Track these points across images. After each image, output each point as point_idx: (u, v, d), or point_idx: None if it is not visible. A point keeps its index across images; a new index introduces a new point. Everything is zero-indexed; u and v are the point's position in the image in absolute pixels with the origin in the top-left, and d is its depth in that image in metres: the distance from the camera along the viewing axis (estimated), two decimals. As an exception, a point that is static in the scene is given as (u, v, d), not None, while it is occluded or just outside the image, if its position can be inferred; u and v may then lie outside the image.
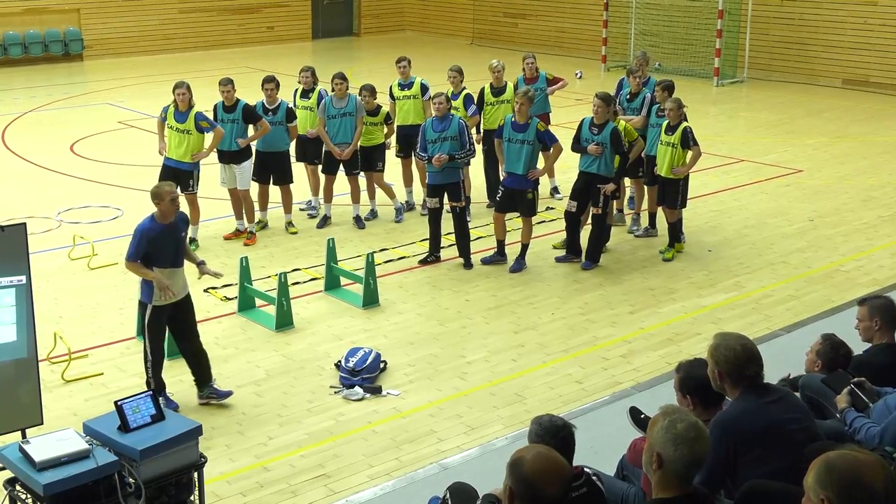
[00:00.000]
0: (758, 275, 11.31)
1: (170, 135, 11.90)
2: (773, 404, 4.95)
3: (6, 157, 16.71)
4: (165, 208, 8.08)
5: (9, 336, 6.58)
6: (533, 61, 13.67)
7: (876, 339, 6.37)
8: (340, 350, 9.17)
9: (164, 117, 12.00)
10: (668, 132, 11.46)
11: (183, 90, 11.73)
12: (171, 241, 8.14)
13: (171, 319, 8.23)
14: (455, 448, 7.67)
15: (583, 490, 4.66)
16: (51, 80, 24.22)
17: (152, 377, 8.20)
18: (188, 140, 11.74)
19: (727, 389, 5.04)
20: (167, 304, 8.12)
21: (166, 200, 8.06)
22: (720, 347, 5.01)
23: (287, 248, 12.18)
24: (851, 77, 22.70)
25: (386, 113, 12.91)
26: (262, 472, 7.39)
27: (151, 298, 8.08)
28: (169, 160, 11.85)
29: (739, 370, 4.94)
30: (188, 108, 11.75)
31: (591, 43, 26.77)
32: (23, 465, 5.69)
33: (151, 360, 8.19)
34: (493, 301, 10.57)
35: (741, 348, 4.96)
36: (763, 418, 4.87)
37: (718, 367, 4.99)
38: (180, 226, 8.28)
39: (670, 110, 11.42)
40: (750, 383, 4.96)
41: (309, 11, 30.85)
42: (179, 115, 11.76)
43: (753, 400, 4.93)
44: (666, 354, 9.25)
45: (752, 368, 4.96)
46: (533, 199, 11.29)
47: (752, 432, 4.84)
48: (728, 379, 4.98)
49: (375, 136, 12.89)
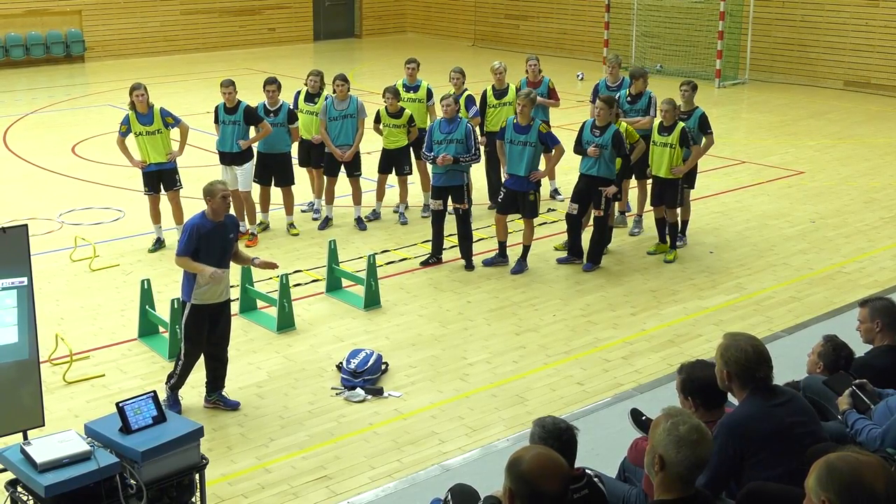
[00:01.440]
0: (759, 276, 11.30)
1: (140, 142, 11.84)
2: (780, 406, 4.91)
3: (8, 159, 16.73)
4: (217, 206, 7.94)
5: (10, 337, 6.58)
6: (536, 63, 13.64)
7: (877, 341, 6.36)
8: (342, 352, 9.17)
9: (124, 131, 11.85)
10: (664, 133, 11.47)
11: (141, 91, 11.71)
12: (219, 239, 8.02)
13: (209, 321, 8.11)
14: (456, 450, 7.67)
15: (584, 492, 4.66)
16: (52, 82, 24.24)
17: (178, 375, 8.15)
18: (161, 139, 11.77)
19: (735, 390, 5.01)
20: (207, 305, 8.01)
21: (217, 197, 7.93)
22: (730, 348, 4.96)
23: (288, 250, 12.18)
24: (853, 79, 22.70)
25: (410, 115, 12.81)
26: (263, 473, 7.39)
27: (192, 297, 8.00)
28: (152, 165, 11.84)
29: (749, 372, 4.91)
30: (149, 109, 11.74)
31: (592, 45, 26.79)
32: (24, 467, 5.70)
33: (183, 362, 8.13)
34: (495, 303, 10.58)
35: (752, 350, 4.92)
36: (770, 421, 4.83)
37: (728, 367, 4.94)
38: (230, 227, 8.15)
39: (666, 111, 11.44)
40: (758, 385, 4.92)
41: (310, 13, 30.87)
42: (144, 118, 11.72)
43: (761, 402, 4.89)
44: (667, 356, 9.25)
45: (762, 371, 4.92)
46: (535, 201, 11.29)
47: (758, 435, 4.81)
48: (737, 380, 4.95)
49: (399, 138, 12.83)
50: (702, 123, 11.82)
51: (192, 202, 12.53)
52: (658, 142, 11.54)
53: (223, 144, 12.22)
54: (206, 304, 8.03)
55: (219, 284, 8.01)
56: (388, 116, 12.72)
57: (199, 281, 7.93)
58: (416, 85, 13.35)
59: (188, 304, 8.03)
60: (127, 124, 11.85)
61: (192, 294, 7.99)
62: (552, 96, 13.62)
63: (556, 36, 28.22)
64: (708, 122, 11.89)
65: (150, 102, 11.85)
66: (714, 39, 23.50)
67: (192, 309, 8.03)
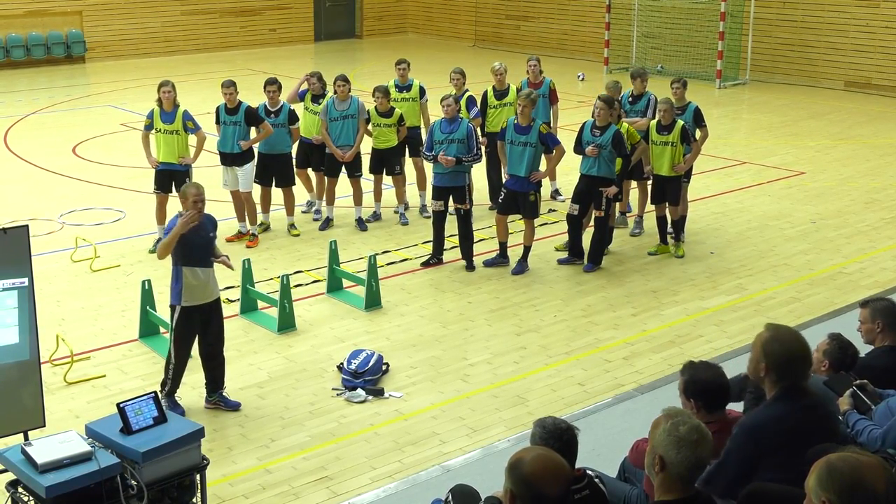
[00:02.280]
0: (760, 277, 11.30)
1: (158, 139, 11.84)
2: (803, 411, 4.79)
3: (8, 160, 16.73)
4: (188, 209, 7.98)
5: (11, 338, 6.58)
6: (536, 64, 13.64)
7: (878, 342, 6.35)
8: (343, 352, 9.17)
9: (149, 125, 11.93)
10: (663, 132, 11.51)
11: (168, 88, 11.72)
12: (200, 238, 8.05)
13: (201, 322, 8.14)
14: (457, 450, 7.66)
15: (585, 492, 4.66)
16: (53, 83, 24.26)
17: (171, 379, 8.17)
18: (177, 141, 11.75)
19: (767, 384, 4.84)
20: (196, 306, 8.04)
21: (189, 201, 7.99)
22: (771, 340, 4.79)
23: (289, 251, 12.18)
24: (854, 79, 22.70)
25: (400, 115, 12.83)
26: (264, 474, 7.39)
27: (180, 300, 8.02)
28: (162, 164, 11.84)
29: (788, 366, 4.75)
30: (174, 108, 11.75)
31: (593, 45, 26.79)
32: (25, 468, 5.70)
33: (175, 365, 8.13)
34: (496, 303, 10.58)
35: (794, 343, 4.77)
36: (790, 425, 4.73)
37: (766, 359, 4.78)
38: (208, 226, 8.18)
39: (664, 111, 11.48)
40: (792, 383, 4.78)
41: (311, 14, 30.88)
42: (167, 116, 11.74)
43: (787, 405, 4.77)
44: (668, 357, 9.25)
45: (800, 366, 4.77)
46: (535, 202, 11.30)
47: (777, 439, 4.72)
48: (772, 374, 4.78)
49: (389, 138, 12.84)
50: (696, 117, 12.05)
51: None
52: (658, 141, 11.57)
53: (224, 145, 12.23)
54: (196, 306, 8.05)
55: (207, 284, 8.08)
56: (379, 116, 12.72)
57: (183, 220, 7.88)
58: (408, 84, 13.38)
59: (177, 307, 8.05)
60: (151, 118, 11.88)
61: (181, 296, 8.02)
62: (553, 97, 13.62)
63: (557, 36, 28.23)
64: (702, 116, 12.14)
65: (177, 102, 11.85)
66: (715, 40, 23.51)
67: (181, 312, 8.05)
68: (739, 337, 9.61)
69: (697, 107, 12.16)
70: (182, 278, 7.99)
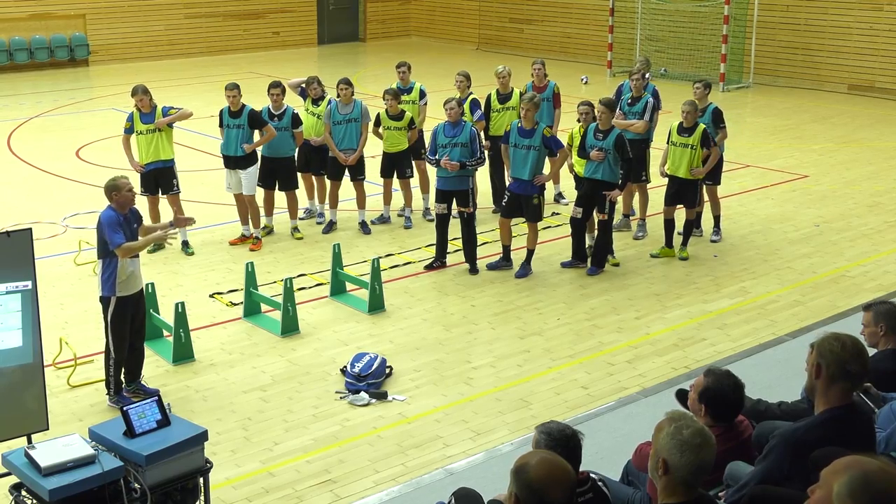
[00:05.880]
0: (763, 280, 11.29)
1: (139, 141, 11.93)
2: (844, 425, 4.72)
3: (12, 163, 16.76)
4: (123, 199, 8.25)
5: (14, 341, 6.59)
6: (541, 67, 13.62)
7: (881, 345, 6.34)
8: (346, 355, 9.16)
9: (129, 128, 12.01)
10: (684, 133, 11.52)
11: (139, 96, 11.81)
12: (129, 230, 8.29)
13: (130, 313, 8.34)
14: (461, 453, 7.66)
15: (589, 496, 4.66)
16: (56, 86, 24.29)
17: (113, 375, 8.33)
18: (158, 138, 11.84)
19: (819, 389, 4.76)
20: (129, 296, 8.25)
21: (124, 191, 8.26)
22: (828, 339, 4.76)
23: (293, 254, 12.18)
24: (857, 82, 22.68)
25: (410, 118, 12.81)
26: (267, 477, 7.39)
27: (115, 291, 8.19)
28: (146, 165, 11.92)
29: (842, 366, 4.68)
30: (152, 109, 11.85)
31: (596, 48, 26.79)
32: (28, 471, 5.70)
33: (115, 358, 8.32)
34: (499, 306, 10.57)
35: (850, 343, 4.73)
36: (828, 440, 4.64)
37: (821, 358, 4.71)
38: (132, 219, 8.40)
39: (687, 112, 11.49)
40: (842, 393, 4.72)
41: (314, 17, 30.92)
42: (147, 118, 11.84)
43: (828, 420, 4.71)
44: (672, 360, 9.24)
45: (855, 366, 4.69)
46: (539, 205, 11.29)
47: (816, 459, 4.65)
48: (826, 375, 4.70)
49: (400, 141, 12.81)
50: (715, 118, 12.07)
51: (192, 204, 12.58)
52: (678, 142, 11.56)
53: (227, 148, 12.23)
54: (128, 296, 8.28)
55: (136, 274, 8.35)
56: (389, 119, 12.73)
57: (120, 270, 8.15)
58: (409, 87, 13.38)
59: (112, 298, 8.22)
60: (131, 121, 11.94)
61: (116, 288, 8.19)
62: (557, 101, 13.61)
63: (560, 40, 28.24)
64: (722, 117, 12.19)
65: (154, 103, 11.91)
66: (718, 43, 23.51)
67: (117, 302, 8.23)
68: (743, 340, 9.61)
69: (717, 107, 12.16)
70: (116, 270, 8.17)
